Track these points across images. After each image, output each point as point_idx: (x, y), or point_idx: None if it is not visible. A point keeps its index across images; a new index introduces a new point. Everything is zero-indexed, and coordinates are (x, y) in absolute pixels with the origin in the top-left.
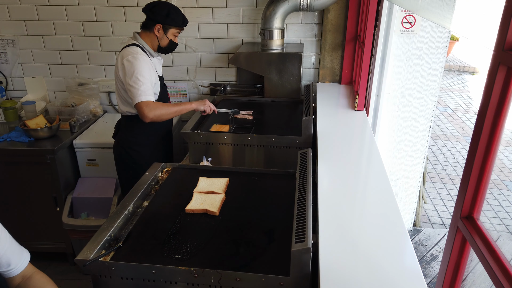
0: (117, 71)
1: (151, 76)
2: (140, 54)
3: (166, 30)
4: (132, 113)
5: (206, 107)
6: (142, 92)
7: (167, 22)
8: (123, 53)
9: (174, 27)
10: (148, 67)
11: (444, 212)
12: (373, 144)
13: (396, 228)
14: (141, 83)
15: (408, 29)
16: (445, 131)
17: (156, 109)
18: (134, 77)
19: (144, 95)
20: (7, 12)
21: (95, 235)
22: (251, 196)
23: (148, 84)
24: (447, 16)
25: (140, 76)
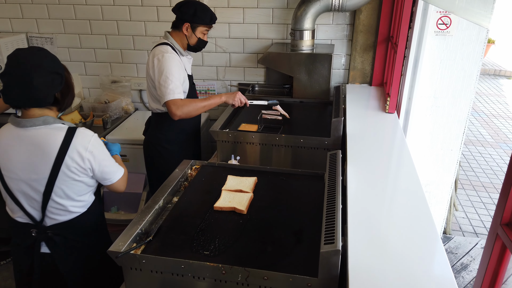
0: (148, 69)
1: (180, 74)
2: (170, 53)
3: (194, 28)
4: (162, 111)
5: (236, 101)
6: (171, 90)
7: (195, 20)
8: (154, 51)
9: (201, 25)
10: (177, 65)
11: (476, 220)
12: (404, 147)
13: (428, 233)
14: (170, 81)
15: (443, 30)
16: (478, 137)
17: (184, 107)
18: (163, 76)
19: (172, 94)
20: (46, 11)
21: (127, 228)
22: (279, 196)
23: (176, 82)
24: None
25: (169, 74)
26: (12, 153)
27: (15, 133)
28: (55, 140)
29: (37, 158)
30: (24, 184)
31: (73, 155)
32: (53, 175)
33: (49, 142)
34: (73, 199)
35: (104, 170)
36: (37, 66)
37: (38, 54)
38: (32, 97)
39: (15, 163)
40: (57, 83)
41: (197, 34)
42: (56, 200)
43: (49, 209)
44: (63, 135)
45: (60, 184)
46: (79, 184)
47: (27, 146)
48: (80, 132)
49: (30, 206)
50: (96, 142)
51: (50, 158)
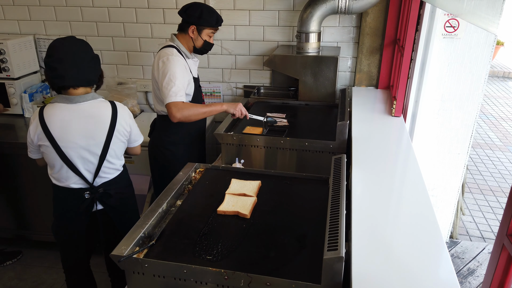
0: (153, 71)
1: (184, 77)
2: (175, 55)
3: (200, 30)
4: (167, 113)
5: (237, 111)
6: (173, 92)
7: (201, 23)
8: (159, 54)
9: (207, 28)
10: (182, 68)
11: (484, 224)
12: (410, 151)
13: (433, 239)
14: (173, 84)
15: (451, 33)
16: (487, 140)
17: (184, 110)
18: (167, 78)
19: (174, 96)
20: (53, 13)
21: (130, 232)
22: (283, 200)
23: (179, 85)
24: (494, 21)
25: (173, 77)
26: (70, 125)
27: (68, 108)
28: (105, 111)
29: (93, 126)
30: (83, 150)
31: (122, 122)
32: (108, 139)
33: (103, 112)
34: (119, 158)
35: (135, 134)
36: (83, 52)
37: (79, 42)
38: (85, 78)
39: (74, 133)
40: (98, 66)
41: (203, 37)
42: (110, 160)
43: (102, 169)
44: (111, 106)
45: (113, 145)
46: (123, 145)
47: (84, 118)
48: (120, 105)
49: (85, 169)
50: (130, 114)
51: (105, 126)
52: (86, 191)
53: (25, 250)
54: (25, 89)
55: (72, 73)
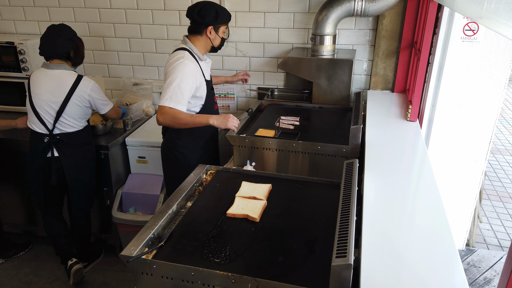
0: (164, 73)
1: (189, 84)
2: (186, 59)
3: (217, 29)
4: None
5: (230, 126)
6: (168, 97)
7: (218, 22)
8: (171, 57)
9: (223, 25)
10: (191, 73)
11: (502, 233)
12: (425, 157)
13: (446, 248)
14: (172, 88)
15: (470, 36)
16: (507, 146)
17: (167, 115)
18: (168, 81)
19: (165, 100)
20: (72, 14)
21: (140, 232)
22: (293, 204)
23: (177, 91)
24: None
25: (174, 81)
26: (41, 83)
27: (44, 72)
28: (70, 79)
29: (57, 88)
30: (45, 103)
31: (80, 91)
32: (65, 101)
33: (66, 78)
34: (75, 118)
35: (99, 106)
36: (60, 34)
37: (62, 28)
38: (55, 52)
39: (42, 89)
40: (70, 45)
41: (220, 35)
42: (65, 117)
43: (59, 122)
44: (75, 77)
45: (69, 107)
46: (81, 109)
47: (52, 80)
48: (85, 78)
49: (46, 119)
50: (95, 86)
51: (65, 89)
52: (46, 136)
53: (39, 246)
54: None
55: (46, 48)
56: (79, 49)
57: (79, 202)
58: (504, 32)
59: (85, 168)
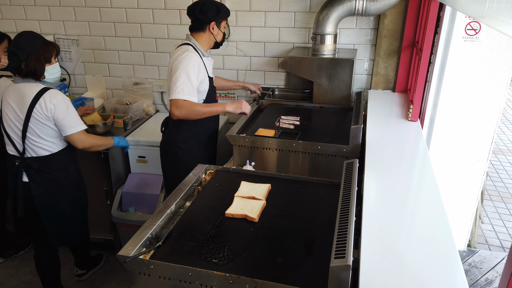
0: (168, 69)
1: (197, 75)
2: (191, 52)
3: (219, 24)
4: None
5: (244, 109)
6: (180, 89)
7: (220, 17)
8: (176, 51)
9: (224, 20)
10: (196, 66)
11: (504, 233)
12: (426, 158)
13: (446, 249)
14: (182, 80)
15: (472, 36)
16: (509, 146)
17: (183, 108)
18: (177, 73)
19: (179, 93)
20: (73, 13)
21: (138, 232)
22: (292, 204)
23: (187, 83)
24: None
25: (183, 73)
26: (8, 100)
27: (11, 86)
28: (31, 92)
29: (19, 104)
30: (11, 122)
31: (41, 104)
32: (27, 117)
33: (28, 93)
34: (43, 138)
35: (62, 122)
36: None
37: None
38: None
39: (8, 106)
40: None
41: (221, 29)
42: (30, 137)
43: (27, 143)
44: (38, 89)
45: (32, 125)
46: (46, 126)
47: (15, 95)
48: (51, 90)
49: (16, 140)
50: (62, 98)
51: (26, 104)
52: (17, 159)
53: None
54: None
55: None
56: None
57: (57, 234)
58: (506, 31)
59: (61, 198)
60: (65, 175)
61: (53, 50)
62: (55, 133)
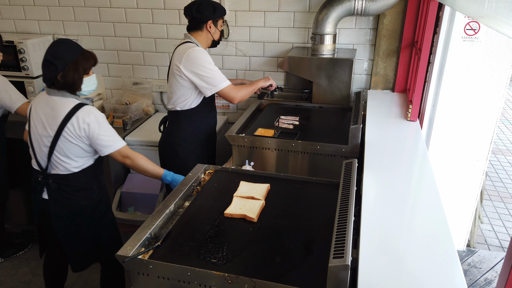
0: (177, 65)
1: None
2: (199, 46)
3: (216, 23)
4: (183, 108)
5: (272, 81)
6: (219, 77)
7: (216, 15)
8: (182, 48)
9: (221, 18)
10: (208, 55)
11: (503, 233)
12: (425, 158)
13: (445, 249)
14: (215, 70)
15: (471, 36)
16: (508, 146)
17: (239, 91)
18: (206, 67)
19: (220, 82)
20: (72, 13)
21: (137, 232)
22: (292, 204)
23: (216, 71)
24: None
25: (209, 64)
26: (38, 112)
27: (44, 97)
28: (65, 108)
29: (50, 119)
30: (39, 137)
31: (73, 123)
32: (57, 135)
33: (61, 109)
34: (70, 158)
35: (97, 142)
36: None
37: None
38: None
39: (38, 119)
40: (52, 70)
41: (218, 28)
42: (57, 156)
43: (52, 161)
44: (72, 106)
45: (61, 143)
46: (76, 147)
47: (47, 109)
48: (85, 107)
49: (39, 155)
50: (95, 118)
51: (57, 121)
52: (40, 174)
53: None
54: (43, 88)
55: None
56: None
57: (75, 256)
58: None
59: (80, 220)
60: (86, 195)
61: (92, 60)
62: (83, 153)
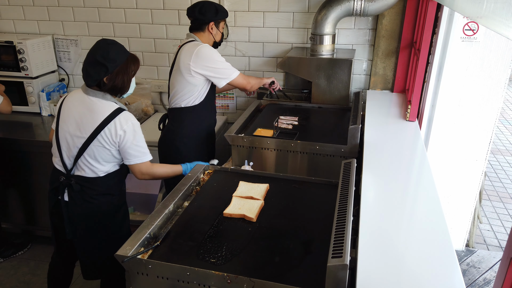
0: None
1: None
2: (204, 43)
3: (218, 25)
4: (187, 105)
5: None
6: (231, 68)
7: (218, 17)
8: (188, 47)
9: (223, 20)
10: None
11: (502, 233)
12: (424, 158)
13: (444, 249)
14: (224, 62)
15: (470, 36)
16: (507, 146)
17: (250, 78)
18: (214, 61)
19: (234, 71)
20: (72, 14)
21: (136, 232)
22: (291, 204)
23: (226, 63)
24: None
25: (219, 57)
26: (72, 110)
27: (80, 96)
28: (104, 111)
29: (86, 120)
30: (69, 136)
31: (110, 128)
32: (91, 137)
33: (100, 111)
34: (98, 161)
35: (127, 151)
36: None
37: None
38: (88, 77)
39: (70, 118)
40: (101, 72)
41: (220, 30)
42: (86, 158)
43: (79, 163)
44: (112, 110)
45: (93, 146)
46: (107, 151)
47: (84, 108)
48: (125, 113)
49: (66, 155)
50: (133, 126)
51: (94, 124)
52: (62, 175)
53: (38, 246)
54: (42, 88)
55: (84, 70)
56: (118, 75)
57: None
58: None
59: (98, 225)
60: (105, 200)
61: (138, 63)
62: (113, 159)
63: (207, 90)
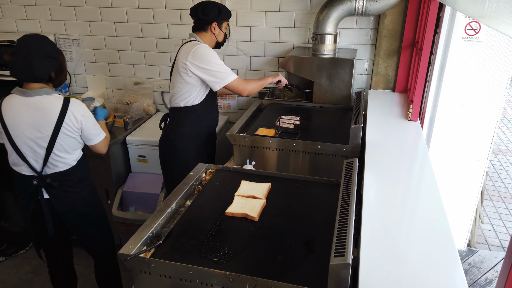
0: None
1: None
2: (204, 43)
3: (221, 25)
4: (187, 105)
5: (281, 77)
6: (227, 71)
7: (221, 18)
8: (188, 46)
9: (226, 21)
10: (215, 52)
11: (504, 233)
12: (426, 157)
13: (446, 249)
14: (222, 65)
15: (472, 36)
16: (509, 146)
17: (248, 84)
18: (213, 63)
19: (230, 74)
20: (74, 13)
21: (138, 231)
22: (293, 203)
23: (223, 66)
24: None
25: (215, 59)
26: (19, 117)
27: (20, 100)
28: (55, 105)
29: (41, 119)
30: (30, 141)
31: (70, 117)
32: (55, 133)
33: (51, 107)
34: (68, 152)
35: (90, 132)
36: (37, 49)
37: (40, 41)
38: (31, 74)
39: (23, 124)
40: (52, 65)
41: (223, 30)
42: (56, 153)
43: (50, 160)
44: (61, 102)
45: (60, 140)
46: (73, 140)
47: (32, 111)
48: (74, 101)
49: (34, 159)
50: (87, 110)
51: (52, 120)
52: (34, 179)
53: None
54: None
55: (20, 68)
56: (61, 66)
57: (92, 246)
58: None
59: (86, 208)
60: (85, 184)
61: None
62: (78, 144)
63: (207, 90)
